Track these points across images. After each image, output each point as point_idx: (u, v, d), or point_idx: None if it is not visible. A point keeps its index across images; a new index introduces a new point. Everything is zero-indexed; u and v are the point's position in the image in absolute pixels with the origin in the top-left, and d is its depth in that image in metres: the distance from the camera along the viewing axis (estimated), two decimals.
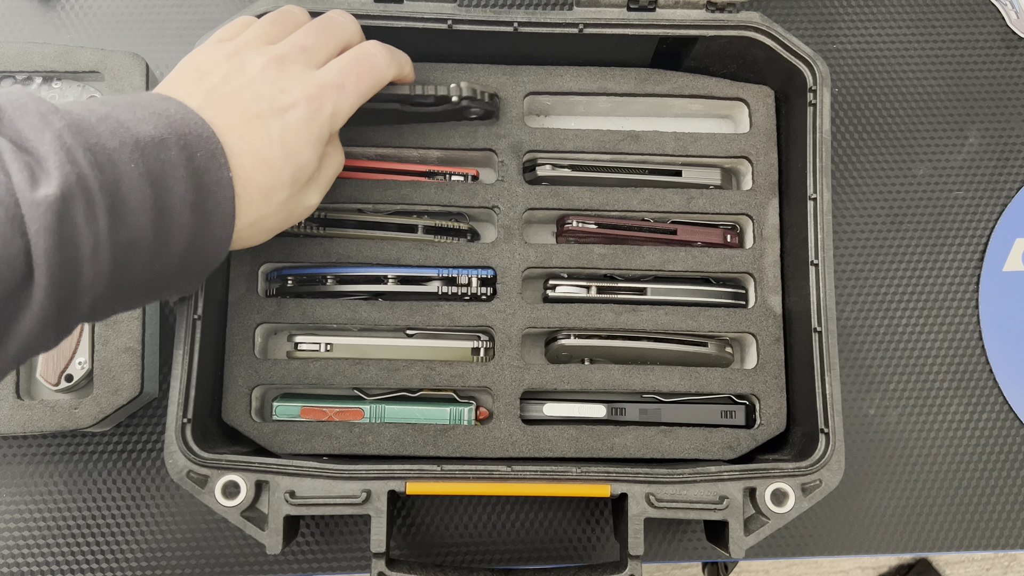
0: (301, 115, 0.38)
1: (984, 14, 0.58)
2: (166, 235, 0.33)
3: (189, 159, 0.33)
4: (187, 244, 0.34)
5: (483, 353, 0.48)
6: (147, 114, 0.33)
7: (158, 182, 0.32)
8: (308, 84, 0.38)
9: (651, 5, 0.46)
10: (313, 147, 0.39)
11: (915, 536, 0.52)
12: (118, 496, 0.51)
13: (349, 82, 0.40)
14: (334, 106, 0.39)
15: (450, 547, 0.51)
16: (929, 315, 0.54)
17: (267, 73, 0.38)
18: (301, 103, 0.38)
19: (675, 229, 0.49)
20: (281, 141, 0.37)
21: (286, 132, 0.37)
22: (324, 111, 0.39)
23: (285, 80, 0.38)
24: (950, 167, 0.56)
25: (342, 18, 0.43)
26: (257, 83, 0.38)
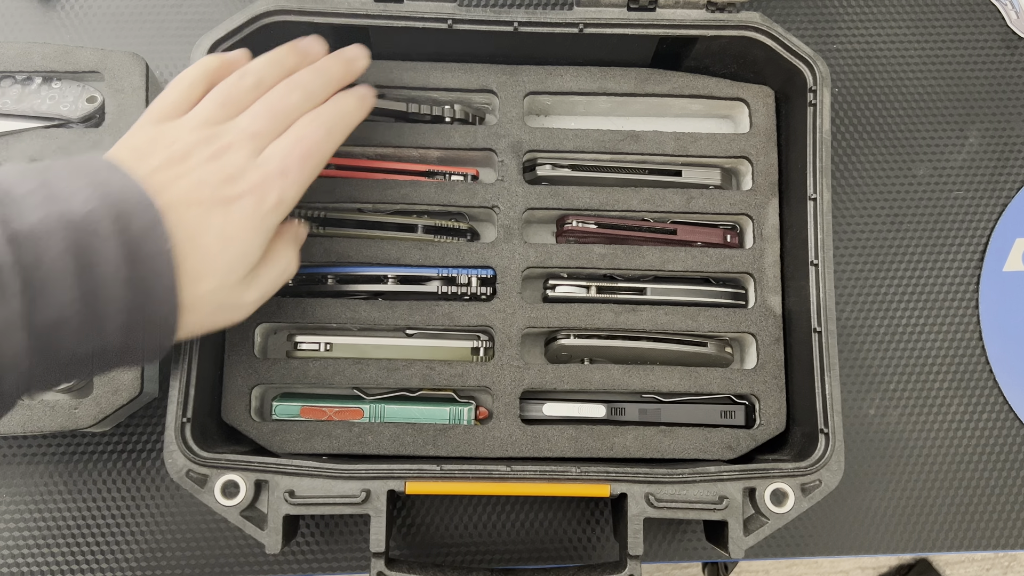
0: (246, 206, 0.36)
1: (984, 14, 0.58)
2: (98, 313, 0.31)
3: (122, 231, 0.32)
4: (126, 321, 0.32)
5: (483, 353, 0.48)
6: (84, 184, 0.32)
7: (84, 257, 0.31)
8: (253, 174, 0.37)
9: (651, 5, 0.46)
10: (256, 237, 0.37)
11: (915, 536, 0.52)
12: (118, 496, 0.51)
13: (292, 166, 0.38)
14: (279, 193, 0.37)
15: (450, 547, 0.51)
16: (929, 315, 0.54)
17: (211, 163, 0.36)
18: (246, 194, 0.36)
19: (675, 229, 0.49)
20: (220, 230, 0.36)
21: (227, 222, 0.36)
22: (269, 200, 0.37)
23: (230, 168, 0.36)
24: (950, 167, 0.56)
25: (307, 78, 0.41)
26: (201, 171, 0.36)
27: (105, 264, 0.31)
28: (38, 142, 0.48)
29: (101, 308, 0.31)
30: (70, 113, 0.48)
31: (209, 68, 0.39)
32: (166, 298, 0.33)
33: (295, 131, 0.39)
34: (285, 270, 0.41)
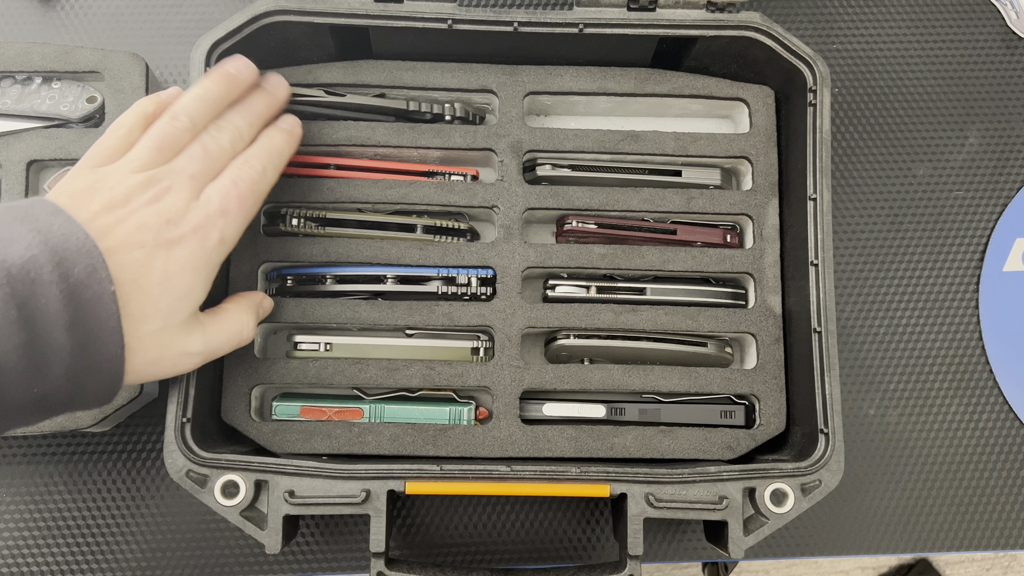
0: (189, 247, 0.37)
1: (984, 14, 0.58)
2: (40, 358, 0.32)
3: (64, 276, 0.32)
4: (70, 365, 0.33)
5: (483, 353, 0.48)
6: (26, 231, 0.32)
7: (25, 305, 0.31)
8: (194, 215, 0.37)
9: (651, 5, 0.46)
10: (198, 276, 0.37)
11: (915, 536, 0.52)
12: (118, 496, 0.51)
13: (232, 206, 0.39)
14: (221, 232, 0.38)
15: (449, 547, 0.51)
16: (929, 315, 0.54)
17: (152, 206, 0.36)
18: (188, 235, 0.37)
19: (675, 229, 0.49)
20: (163, 270, 0.36)
21: (169, 262, 0.36)
22: (211, 240, 0.38)
23: (171, 211, 0.37)
24: (950, 167, 0.56)
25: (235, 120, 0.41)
26: (142, 214, 0.36)
27: (47, 310, 0.31)
28: (38, 142, 0.48)
29: (44, 353, 0.32)
30: (70, 113, 0.48)
31: (146, 111, 0.40)
32: (111, 339, 0.33)
33: (230, 173, 0.40)
34: (238, 333, 0.42)
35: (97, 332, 0.33)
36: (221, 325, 0.41)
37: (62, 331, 0.32)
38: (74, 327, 0.32)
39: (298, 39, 0.46)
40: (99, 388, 0.35)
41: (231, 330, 0.41)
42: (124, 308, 0.34)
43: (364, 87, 0.48)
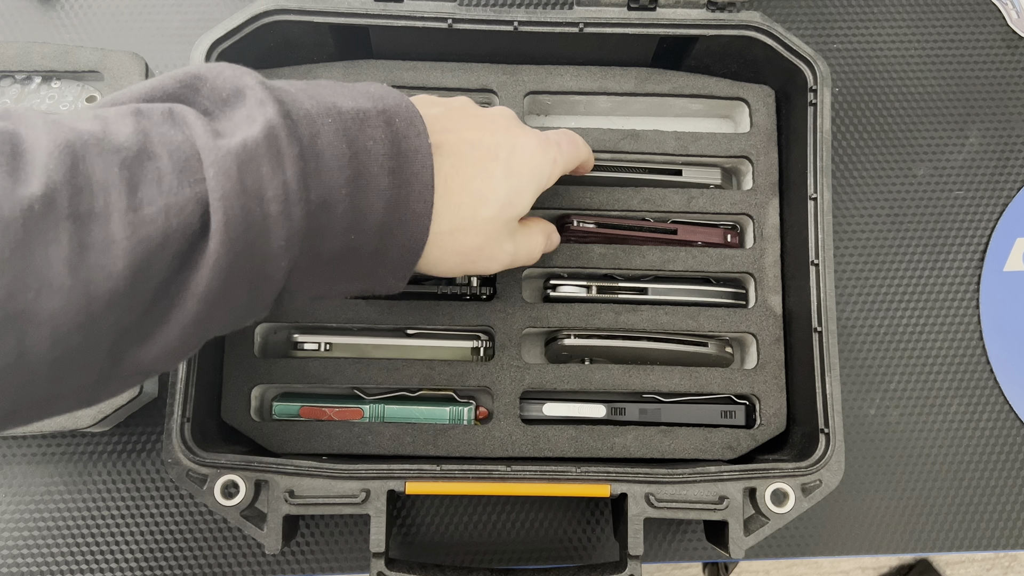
0: (531, 145, 0.38)
1: (984, 14, 0.58)
2: (362, 200, 0.31)
3: (388, 123, 0.32)
4: (384, 216, 0.32)
5: (483, 353, 0.48)
6: (347, 88, 0.33)
7: (355, 142, 0.31)
8: (534, 132, 0.39)
9: (651, 4, 0.46)
10: (534, 178, 0.38)
11: (915, 536, 0.52)
12: (118, 496, 0.51)
13: (564, 143, 0.41)
14: (556, 154, 0.40)
15: (450, 547, 0.51)
16: (929, 315, 0.54)
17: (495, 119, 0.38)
18: (532, 137, 0.39)
19: (675, 229, 0.49)
20: (507, 159, 0.37)
21: (513, 153, 0.37)
22: (550, 153, 0.39)
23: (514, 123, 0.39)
24: (950, 167, 0.56)
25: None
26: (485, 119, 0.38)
27: (374, 149, 0.31)
28: None
29: (365, 196, 0.31)
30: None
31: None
32: (423, 195, 0.33)
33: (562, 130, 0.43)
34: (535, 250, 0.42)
35: (412, 185, 0.32)
36: (527, 238, 0.41)
37: (386, 176, 0.32)
38: (395, 174, 0.32)
39: (298, 39, 0.46)
40: (399, 257, 0.34)
41: (531, 244, 0.42)
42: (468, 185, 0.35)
43: None
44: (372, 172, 0.31)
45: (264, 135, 0.28)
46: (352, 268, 0.33)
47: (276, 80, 0.32)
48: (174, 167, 0.27)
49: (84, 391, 0.28)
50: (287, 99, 0.30)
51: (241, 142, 0.28)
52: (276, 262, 0.29)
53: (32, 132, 0.26)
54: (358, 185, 0.31)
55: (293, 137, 0.29)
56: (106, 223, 0.26)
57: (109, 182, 0.26)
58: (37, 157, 0.26)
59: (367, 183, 0.31)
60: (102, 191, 0.26)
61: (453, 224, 0.35)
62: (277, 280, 0.30)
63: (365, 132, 0.31)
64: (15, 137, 0.26)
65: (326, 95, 0.32)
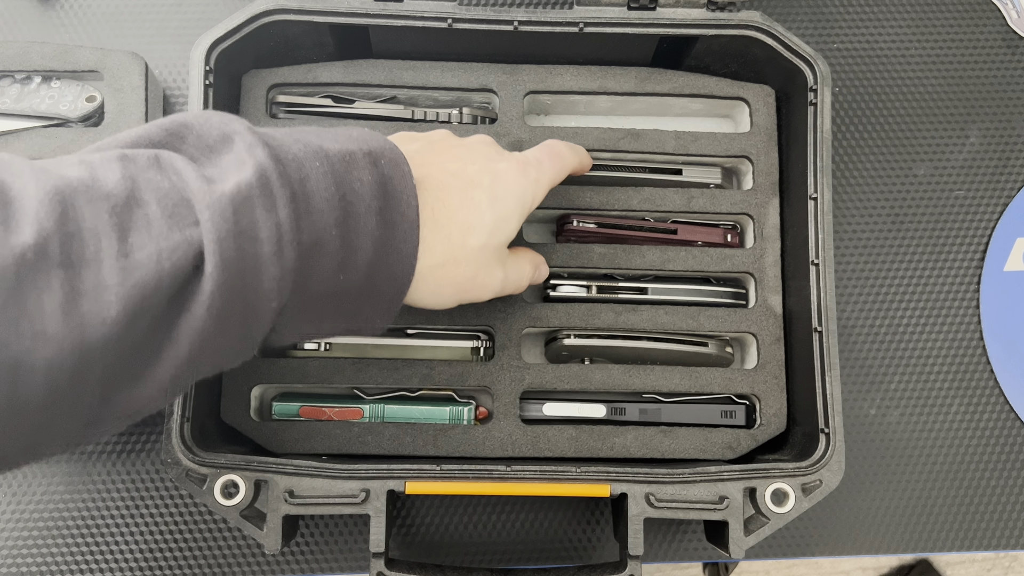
0: (511, 170, 0.39)
1: (985, 14, 0.58)
2: (351, 241, 0.32)
3: (374, 164, 0.33)
4: (373, 256, 0.33)
5: (483, 353, 0.48)
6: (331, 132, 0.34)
7: (343, 183, 0.32)
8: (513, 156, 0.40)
9: (651, 4, 0.46)
10: (518, 202, 0.39)
11: (915, 536, 0.52)
12: (118, 496, 0.51)
13: (546, 161, 0.41)
14: (537, 174, 0.40)
15: (449, 547, 0.51)
16: (930, 315, 0.54)
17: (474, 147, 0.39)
18: (511, 162, 0.39)
19: (675, 229, 0.49)
20: (490, 187, 0.37)
21: (496, 180, 0.38)
22: (530, 175, 0.40)
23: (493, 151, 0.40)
24: (951, 167, 0.56)
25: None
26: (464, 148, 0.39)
27: (361, 191, 0.32)
28: (37, 141, 0.48)
29: (354, 236, 0.32)
30: (69, 112, 0.48)
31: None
32: (408, 236, 0.33)
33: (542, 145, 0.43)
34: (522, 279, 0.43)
35: (398, 226, 0.33)
36: (516, 266, 0.42)
37: (374, 216, 0.32)
38: (382, 215, 0.32)
39: (298, 38, 0.46)
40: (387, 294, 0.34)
41: (520, 273, 0.42)
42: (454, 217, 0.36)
43: (364, 86, 0.48)
44: (360, 213, 0.32)
45: (256, 178, 0.29)
46: (340, 307, 0.34)
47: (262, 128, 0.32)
48: (163, 212, 0.27)
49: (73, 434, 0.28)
50: (275, 144, 0.31)
51: (235, 185, 0.28)
52: (267, 302, 0.30)
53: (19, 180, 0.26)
54: (348, 226, 0.31)
55: (284, 180, 0.30)
56: (98, 269, 0.26)
57: (99, 229, 0.26)
58: (27, 204, 0.26)
59: (356, 224, 0.32)
60: (93, 238, 0.26)
61: (445, 256, 0.36)
62: (267, 320, 0.31)
63: (352, 174, 0.32)
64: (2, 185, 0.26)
65: (312, 139, 0.32)
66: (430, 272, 0.36)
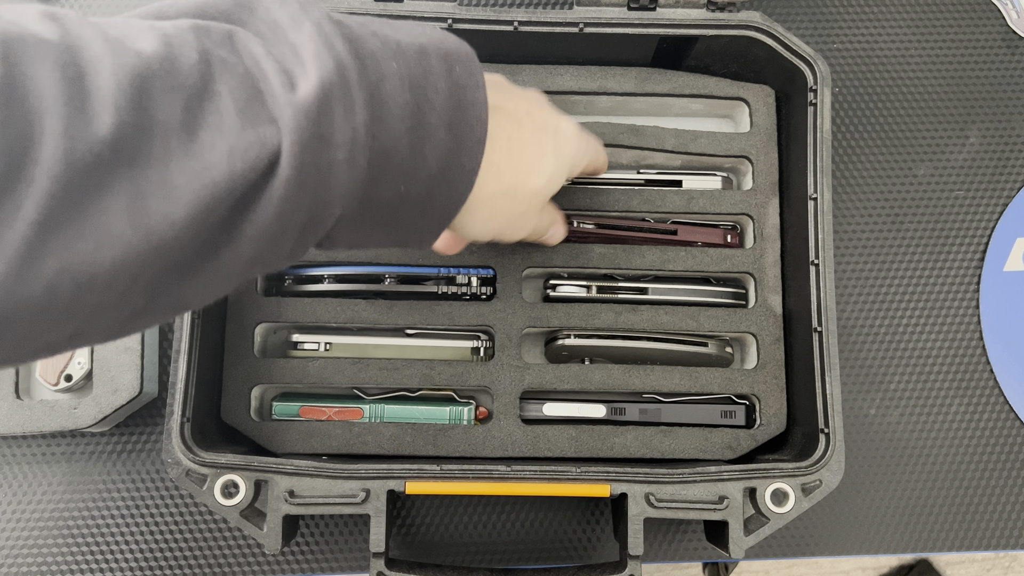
0: (572, 128, 0.39)
1: (984, 14, 0.58)
2: (420, 151, 0.30)
3: (449, 71, 0.30)
4: (436, 170, 0.31)
5: (483, 353, 0.48)
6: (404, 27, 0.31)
7: (418, 90, 0.29)
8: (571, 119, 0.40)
9: (651, 4, 0.46)
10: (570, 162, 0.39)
11: (915, 536, 0.52)
12: (118, 496, 0.51)
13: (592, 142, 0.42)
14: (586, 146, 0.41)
15: (450, 547, 0.51)
16: (930, 315, 0.54)
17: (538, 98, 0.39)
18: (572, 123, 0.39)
19: (675, 229, 0.49)
20: (554, 137, 0.37)
21: (559, 134, 0.38)
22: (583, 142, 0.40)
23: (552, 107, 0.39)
24: (951, 167, 0.56)
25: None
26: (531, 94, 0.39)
27: (435, 100, 0.30)
28: None
29: (423, 146, 0.30)
30: None
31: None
32: (474, 151, 0.32)
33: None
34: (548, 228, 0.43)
35: (465, 140, 0.31)
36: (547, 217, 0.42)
37: (444, 129, 0.30)
38: (452, 128, 0.31)
39: None
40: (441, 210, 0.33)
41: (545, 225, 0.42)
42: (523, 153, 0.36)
43: None
44: (431, 123, 0.30)
45: (338, 76, 0.27)
46: (394, 218, 0.32)
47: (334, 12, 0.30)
48: (235, 106, 0.25)
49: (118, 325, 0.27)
50: (354, 37, 0.28)
51: (317, 84, 0.26)
52: (331, 209, 0.28)
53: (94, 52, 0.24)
54: (418, 136, 0.30)
55: (363, 80, 0.28)
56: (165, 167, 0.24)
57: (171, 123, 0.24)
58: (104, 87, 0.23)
59: (426, 133, 0.30)
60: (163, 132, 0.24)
61: (508, 185, 0.36)
62: (326, 227, 0.29)
63: (428, 80, 0.30)
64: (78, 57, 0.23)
65: (388, 32, 0.30)
66: (491, 198, 0.35)
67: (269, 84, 0.26)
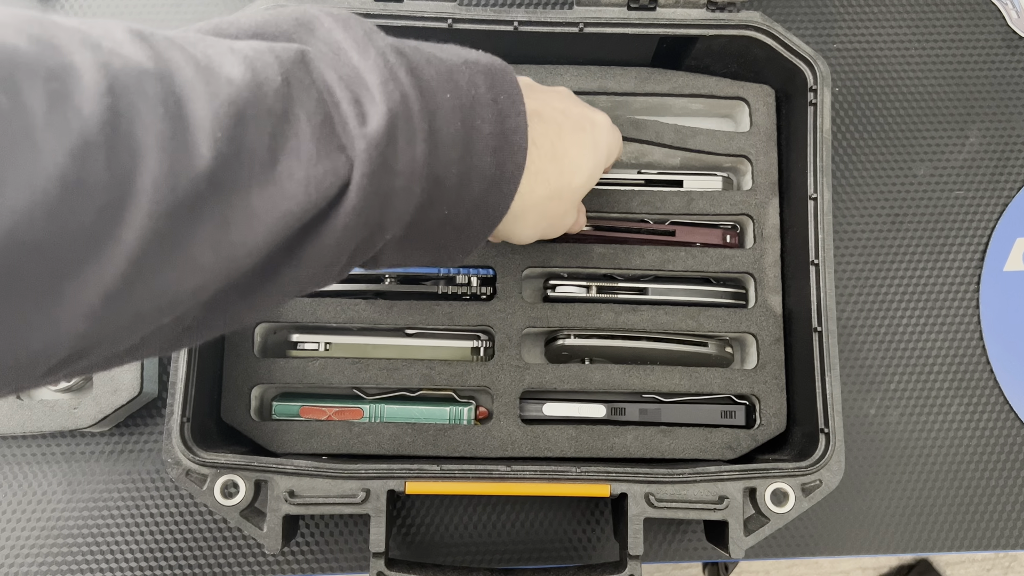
0: (606, 122, 0.40)
1: (985, 14, 0.58)
2: (467, 178, 0.30)
3: (495, 100, 0.31)
4: (479, 193, 0.31)
5: (483, 353, 0.48)
6: (454, 52, 0.32)
7: (468, 120, 0.30)
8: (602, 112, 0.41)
9: (651, 4, 0.46)
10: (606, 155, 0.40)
11: (915, 536, 0.52)
12: (118, 496, 0.51)
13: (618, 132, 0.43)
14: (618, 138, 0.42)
15: (449, 547, 0.51)
16: (930, 315, 0.54)
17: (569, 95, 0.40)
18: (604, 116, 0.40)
19: (674, 230, 0.49)
20: (592, 133, 0.38)
21: (595, 129, 0.39)
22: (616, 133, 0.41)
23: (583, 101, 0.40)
24: (951, 167, 0.56)
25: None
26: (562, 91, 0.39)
27: (483, 128, 0.31)
28: None
29: (469, 173, 0.31)
30: None
31: None
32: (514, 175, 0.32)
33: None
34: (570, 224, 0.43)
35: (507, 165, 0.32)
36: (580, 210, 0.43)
37: (490, 155, 0.31)
38: (496, 153, 0.31)
39: None
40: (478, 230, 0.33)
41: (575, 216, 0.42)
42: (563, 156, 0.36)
43: None
44: (479, 151, 0.31)
45: (402, 108, 0.27)
46: (436, 240, 0.32)
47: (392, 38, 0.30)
48: (312, 133, 0.26)
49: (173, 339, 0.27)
50: (414, 67, 0.29)
51: (386, 115, 0.27)
52: (384, 234, 0.29)
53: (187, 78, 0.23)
54: (466, 164, 0.30)
55: (425, 111, 0.28)
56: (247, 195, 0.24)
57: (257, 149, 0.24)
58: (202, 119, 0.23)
59: (473, 162, 0.30)
60: (249, 159, 0.24)
61: (554, 189, 0.36)
62: (375, 250, 0.30)
63: (476, 111, 0.31)
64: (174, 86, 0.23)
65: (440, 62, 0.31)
66: (540, 203, 0.36)
67: (340, 112, 0.26)
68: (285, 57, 0.26)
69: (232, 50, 0.25)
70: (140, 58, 0.23)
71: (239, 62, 0.25)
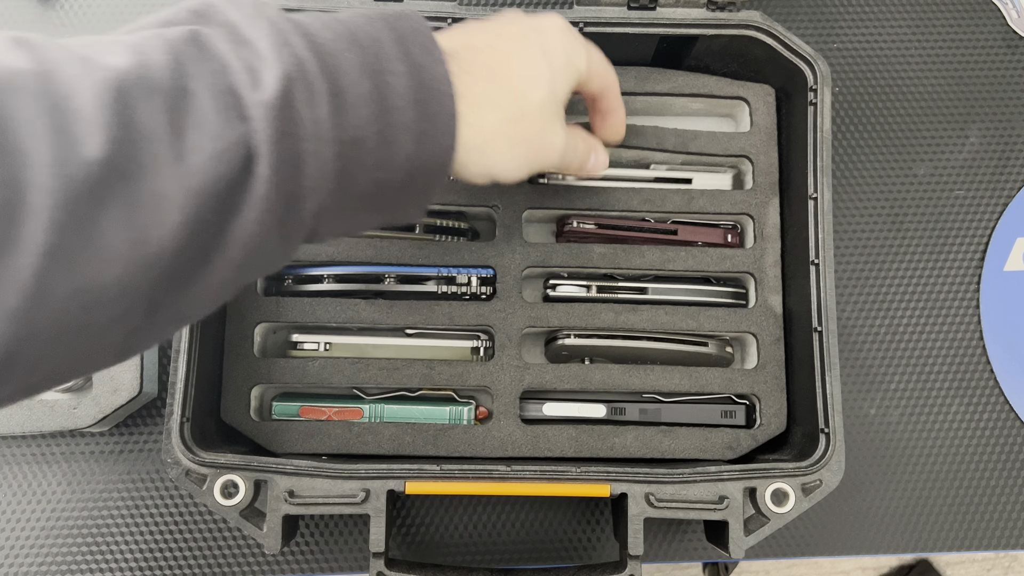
0: (555, 22, 0.37)
1: (985, 13, 0.58)
2: (390, 135, 0.30)
3: (405, 53, 0.31)
4: (412, 149, 0.31)
5: (483, 353, 0.48)
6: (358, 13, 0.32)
7: (377, 76, 0.30)
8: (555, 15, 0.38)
9: (651, 4, 0.46)
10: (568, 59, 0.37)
11: (915, 536, 0.52)
12: (117, 496, 0.51)
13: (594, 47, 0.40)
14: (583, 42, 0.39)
15: (449, 547, 0.51)
16: (930, 315, 0.54)
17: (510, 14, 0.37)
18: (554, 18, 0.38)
19: (675, 229, 0.49)
20: (539, 41, 0.36)
21: (542, 35, 0.36)
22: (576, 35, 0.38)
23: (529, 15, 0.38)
24: (951, 166, 0.56)
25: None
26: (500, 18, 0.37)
27: (395, 83, 0.30)
28: None
29: (392, 131, 0.30)
30: None
31: None
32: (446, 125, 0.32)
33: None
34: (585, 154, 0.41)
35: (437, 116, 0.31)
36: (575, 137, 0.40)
37: (411, 108, 0.30)
38: (420, 105, 0.31)
39: None
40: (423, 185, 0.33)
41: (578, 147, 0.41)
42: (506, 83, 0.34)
43: None
44: (398, 106, 0.30)
45: (297, 71, 0.27)
46: (378, 202, 0.32)
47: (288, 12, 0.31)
48: (214, 105, 0.26)
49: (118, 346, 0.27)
50: (310, 31, 0.29)
51: (282, 78, 0.27)
52: (304, 202, 0.29)
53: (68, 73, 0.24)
54: (384, 120, 0.30)
55: (324, 72, 0.28)
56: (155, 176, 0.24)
57: (155, 130, 0.24)
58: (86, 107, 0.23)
59: (393, 117, 0.30)
60: (149, 141, 0.24)
61: (511, 110, 0.35)
62: (306, 222, 0.30)
63: (384, 65, 0.30)
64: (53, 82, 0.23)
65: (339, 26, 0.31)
66: (502, 129, 0.35)
67: (237, 82, 0.26)
68: (174, 38, 0.27)
69: (117, 42, 0.26)
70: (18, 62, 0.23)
71: (123, 50, 0.25)
